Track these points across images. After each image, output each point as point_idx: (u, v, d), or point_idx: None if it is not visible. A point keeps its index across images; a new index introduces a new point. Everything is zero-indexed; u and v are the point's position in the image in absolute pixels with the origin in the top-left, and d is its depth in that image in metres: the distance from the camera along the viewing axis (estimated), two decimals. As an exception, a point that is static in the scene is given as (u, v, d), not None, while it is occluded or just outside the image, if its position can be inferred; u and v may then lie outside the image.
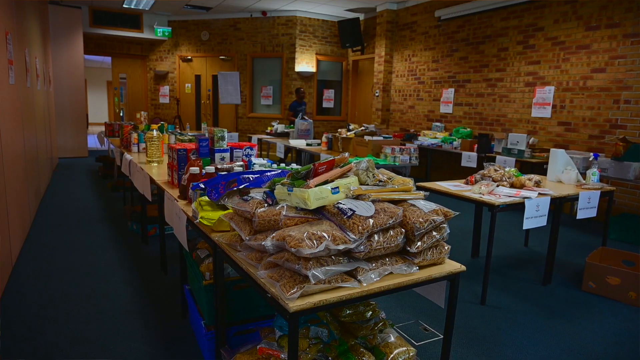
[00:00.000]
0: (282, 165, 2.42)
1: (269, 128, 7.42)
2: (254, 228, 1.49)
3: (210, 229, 1.81)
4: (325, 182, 1.48)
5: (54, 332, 2.39)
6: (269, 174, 1.98)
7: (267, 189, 1.59)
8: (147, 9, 9.45)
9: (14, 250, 3.33)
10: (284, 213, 1.41)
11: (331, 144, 5.42)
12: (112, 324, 2.50)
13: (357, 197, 1.45)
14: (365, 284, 1.33)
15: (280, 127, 7.14)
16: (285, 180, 1.53)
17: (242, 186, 1.87)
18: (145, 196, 3.24)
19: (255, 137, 7.20)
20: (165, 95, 10.55)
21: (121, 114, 9.84)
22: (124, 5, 9.25)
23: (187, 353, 2.23)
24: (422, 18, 7.75)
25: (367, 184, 1.56)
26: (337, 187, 1.45)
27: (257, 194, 1.63)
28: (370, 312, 1.71)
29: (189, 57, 10.40)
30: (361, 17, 9.18)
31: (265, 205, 1.52)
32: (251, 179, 1.93)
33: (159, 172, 3.22)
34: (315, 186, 1.44)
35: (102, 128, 8.37)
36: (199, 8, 9.28)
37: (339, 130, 5.51)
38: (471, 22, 6.82)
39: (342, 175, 1.57)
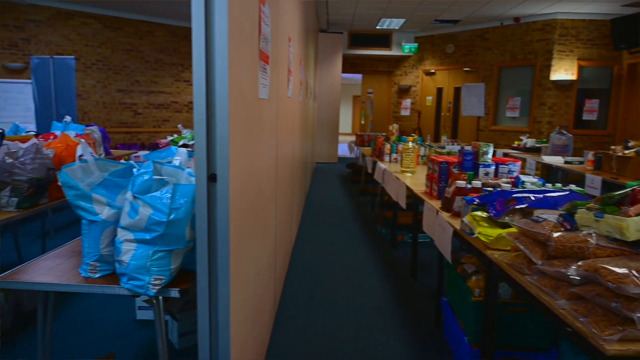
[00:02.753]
0: (558, 185, 2.19)
1: (516, 142, 6.88)
2: (548, 252, 1.38)
3: (484, 245, 1.77)
4: (648, 212, 1.26)
5: (320, 313, 2.78)
6: (553, 194, 1.82)
7: (564, 212, 1.45)
8: (397, 28, 10.10)
9: (293, 238, 4.03)
10: (593, 241, 1.26)
11: (599, 163, 4.65)
12: (367, 316, 2.74)
13: (698, 234, 1.18)
14: None
15: (530, 142, 6.54)
16: (592, 204, 1.37)
17: (524, 205, 1.77)
18: (399, 204, 3.43)
19: (500, 152, 6.79)
20: (406, 108, 11.05)
21: (370, 126, 10.77)
22: (377, 27, 10.11)
23: (441, 364, 2.25)
24: None
25: None
26: (666, 219, 1.22)
27: (549, 215, 1.51)
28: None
29: (432, 71, 10.61)
30: (645, 11, 7.60)
31: (562, 229, 1.39)
32: (532, 198, 1.81)
33: (412, 182, 3.37)
34: (636, 215, 1.24)
35: (347, 138, 9.42)
36: (447, 22, 9.37)
37: (612, 147, 4.67)
38: None
39: (669, 205, 1.31)
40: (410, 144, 3.85)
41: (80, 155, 3.12)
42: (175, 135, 4.19)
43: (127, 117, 9.61)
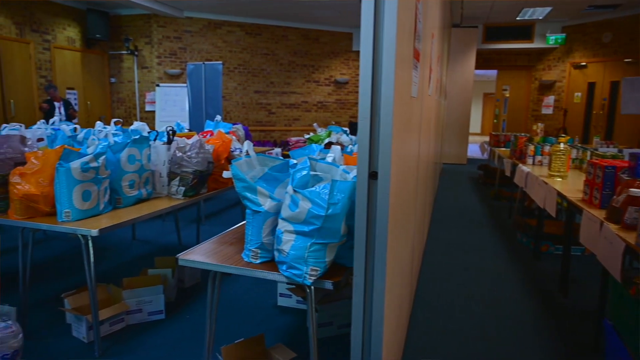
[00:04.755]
0: None
1: (695, 145, 5.77)
2: None
3: (673, 265, 1.51)
4: None
5: (456, 321, 2.65)
6: None
7: None
8: (540, 17, 9.20)
9: (424, 240, 3.94)
10: None
11: None
12: (509, 330, 2.54)
13: None
14: None
15: None
16: None
17: None
18: (548, 211, 3.11)
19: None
20: (548, 105, 10.02)
21: (502, 125, 10.04)
22: (518, 18, 9.33)
23: (602, 395, 1.99)
24: None
25: None
26: None
27: None
28: None
29: (583, 64, 9.44)
30: None
31: None
32: None
33: (564, 187, 3.04)
34: None
35: (475, 138, 8.88)
36: (604, 7, 8.24)
37: None
38: None
39: None
40: (562, 145, 3.47)
41: (232, 150, 3.45)
42: (311, 134, 4.40)
43: (262, 116, 10.37)
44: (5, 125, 3.17)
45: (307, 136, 4.28)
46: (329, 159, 1.75)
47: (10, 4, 7.42)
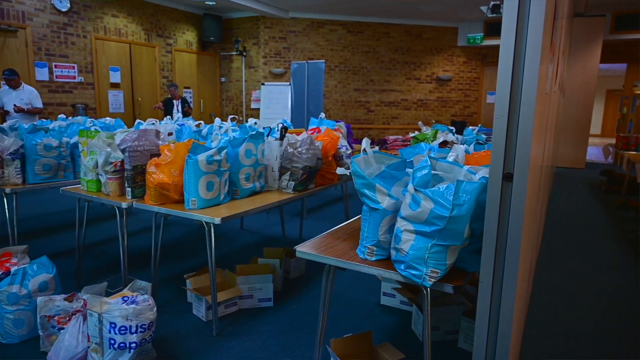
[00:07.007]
0: None
1: None
2: None
3: None
4: None
5: (579, 342, 2.40)
6: None
7: None
8: (686, 1, 7.97)
9: (539, 247, 3.64)
10: None
11: None
12: (648, 360, 2.24)
13: None
14: None
15: None
16: None
17: None
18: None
19: None
20: (691, 103, 8.67)
21: (629, 126, 8.92)
22: (656, 3, 8.18)
23: None
24: None
25: None
26: None
27: None
28: None
29: None
30: None
31: None
32: None
33: None
34: None
35: (594, 140, 7.91)
36: None
37: None
38: None
39: None
40: None
41: (339, 147, 3.49)
42: (416, 132, 4.30)
43: (361, 114, 10.40)
44: (140, 121, 3.56)
45: (412, 135, 4.19)
46: (450, 158, 1.69)
47: (141, 13, 8.32)
